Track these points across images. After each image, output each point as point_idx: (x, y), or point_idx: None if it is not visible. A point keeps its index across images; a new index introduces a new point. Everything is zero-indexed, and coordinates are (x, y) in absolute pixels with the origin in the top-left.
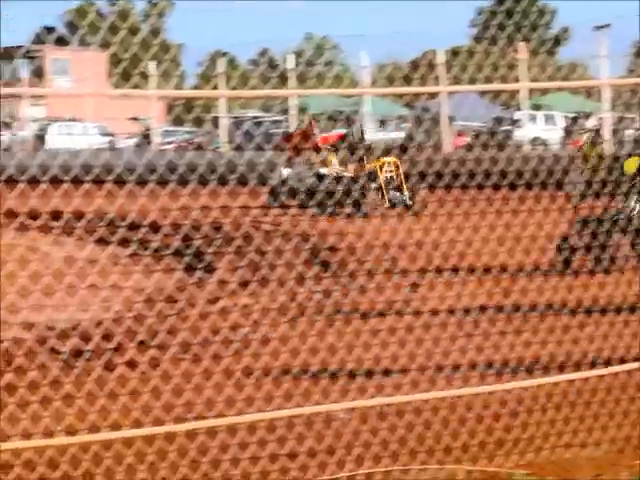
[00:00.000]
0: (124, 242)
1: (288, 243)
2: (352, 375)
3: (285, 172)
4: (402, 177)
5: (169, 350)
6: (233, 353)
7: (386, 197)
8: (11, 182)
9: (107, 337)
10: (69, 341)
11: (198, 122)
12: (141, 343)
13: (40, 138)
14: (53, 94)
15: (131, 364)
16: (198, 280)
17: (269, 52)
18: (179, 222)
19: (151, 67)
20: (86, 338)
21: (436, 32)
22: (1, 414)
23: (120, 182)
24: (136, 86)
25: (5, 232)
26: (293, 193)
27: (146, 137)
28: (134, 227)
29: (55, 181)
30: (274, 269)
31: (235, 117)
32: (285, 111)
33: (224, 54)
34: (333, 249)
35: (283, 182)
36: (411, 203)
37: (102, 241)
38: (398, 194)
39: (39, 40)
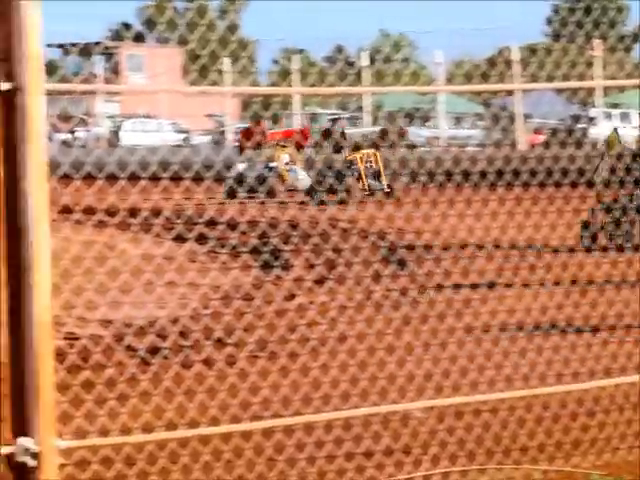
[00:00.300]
0: (201, 239)
1: (364, 241)
2: (429, 374)
3: (240, 166)
4: (381, 167)
5: (246, 348)
6: (310, 351)
7: (365, 185)
8: (89, 179)
9: (184, 334)
10: (146, 338)
11: (275, 119)
12: (218, 341)
13: (115, 134)
14: (129, 90)
15: (208, 362)
16: (275, 277)
17: (344, 49)
18: (256, 219)
19: (226, 63)
20: (163, 335)
21: (512, 29)
22: (79, 411)
23: (197, 179)
24: (214, 83)
25: (83, 229)
26: (248, 186)
27: (221, 134)
28: (211, 224)
29: (133, 178)
30: (350, 266)
31: (312, 114)
32: (361, 108)
33: (300, 51)
34: (410, 247)
35: (239, 176)
36: (389, 190)
37: (180, 238)
38: (377, 182)
39: (117, 37)
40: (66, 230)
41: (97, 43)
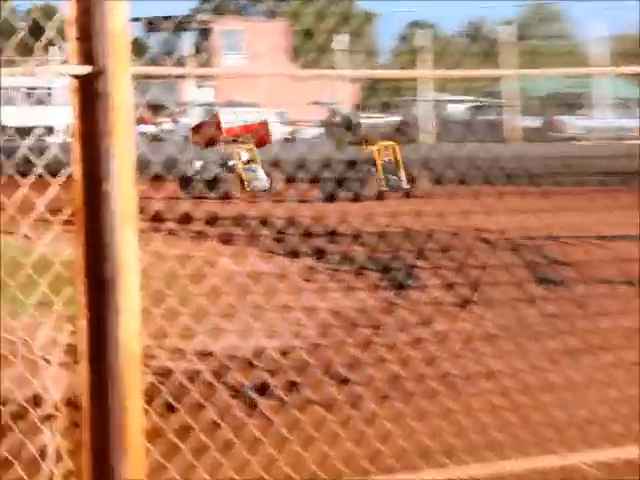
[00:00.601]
0: (319, 254)
1: (515, 255)
2: (603, 420)
3: (197, 164)
4: (400, 161)
5: (374, 386)
6: (452, 390)
7: (384, 181)
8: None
9: (299, 369)
10: (253, 374)
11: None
12: (340, 377)
13: None
14: (229, 74)
15: (328, 403)
16: (407, 299)
17: (483, 23)
18: (384, 230)
19: (342, 41)
20: (273, 370)
21: None
22: (173, 462)
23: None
24: (327, 65)
25: (177, 240)
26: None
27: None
28: (332, 235)
29: None
30: (497, 286)
31: (437, 100)
32: (490, 94)
33: (426, 26)
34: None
35: (195, 173)
36: (409, 187)
37: (293, 253)
38: (396, 178)
39: (211, 9)
40: (157, 242)
41: (188, 17)
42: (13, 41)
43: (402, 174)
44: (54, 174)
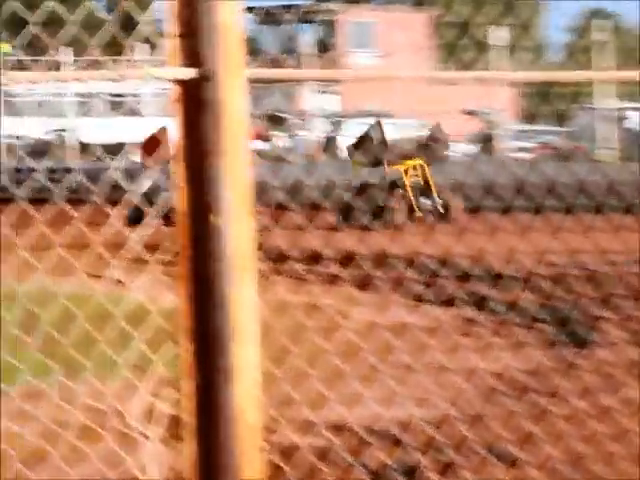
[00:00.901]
0: (480, 302)
1: None
2: None
3: (146, 184)
4: (431, 182)
5: (550, 467)
6: None
7: (414, 205)
8: (312, 209)
9: (455, 445)
10: (398, 451)
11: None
12: (507, 456)
13: (330, 142)
14: (361, 78)
15: None
16: (589, 358)
17: None
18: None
19: (500, 36)
20: (424, 447)
21: None
22: None
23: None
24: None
25: (304, 285)
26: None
27: (489, 140)
28: (495, 278)
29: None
30: None
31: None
32: None
33: (607, 17)
34: None
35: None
36: (444, 211)
37: (448, 301)
38: (428, 201)
39: None
40: (280, 287)
41: (312, 6)
42: (99, 38)
43: (435, 197)
44: (150, 202)
